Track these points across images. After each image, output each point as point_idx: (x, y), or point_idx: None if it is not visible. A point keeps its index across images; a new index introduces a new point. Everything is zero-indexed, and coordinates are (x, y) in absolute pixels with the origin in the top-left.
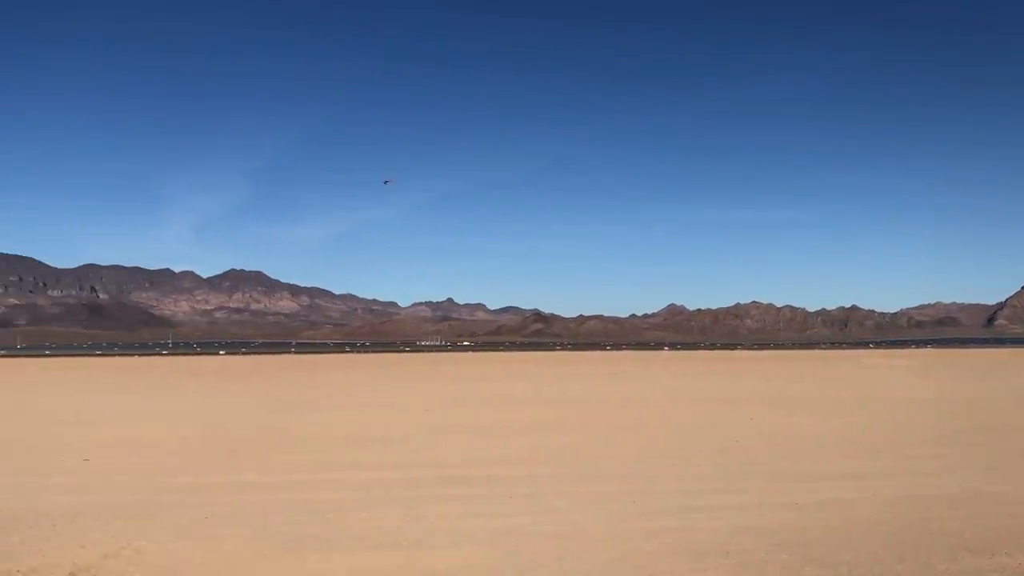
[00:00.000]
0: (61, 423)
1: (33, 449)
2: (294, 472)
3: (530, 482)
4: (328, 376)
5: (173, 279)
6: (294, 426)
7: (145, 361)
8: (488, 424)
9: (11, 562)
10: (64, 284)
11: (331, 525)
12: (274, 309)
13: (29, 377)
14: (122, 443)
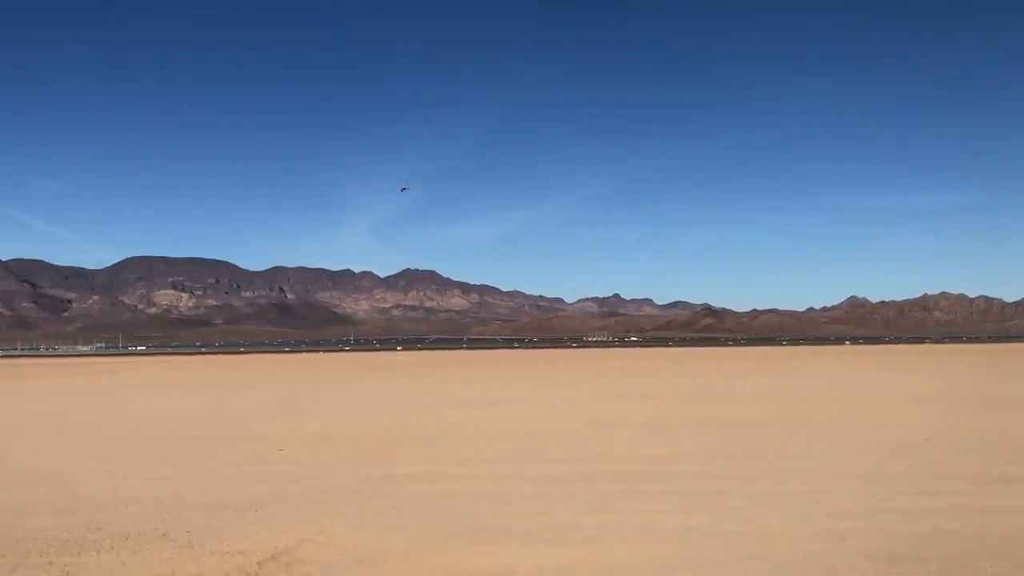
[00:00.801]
0: (258, 416)
1: (235, 441)
2: (472, 464)
3: (705, 479)
4: (498, 371)
5: (353, 279)
6: (469, 419)
7: (329, 356)
8: (657, 420)
9: (221, 544)
10: (256, 285)
11: (508, 517)
12: (446, 306)
13: (228, 373)
14: (313, 434)
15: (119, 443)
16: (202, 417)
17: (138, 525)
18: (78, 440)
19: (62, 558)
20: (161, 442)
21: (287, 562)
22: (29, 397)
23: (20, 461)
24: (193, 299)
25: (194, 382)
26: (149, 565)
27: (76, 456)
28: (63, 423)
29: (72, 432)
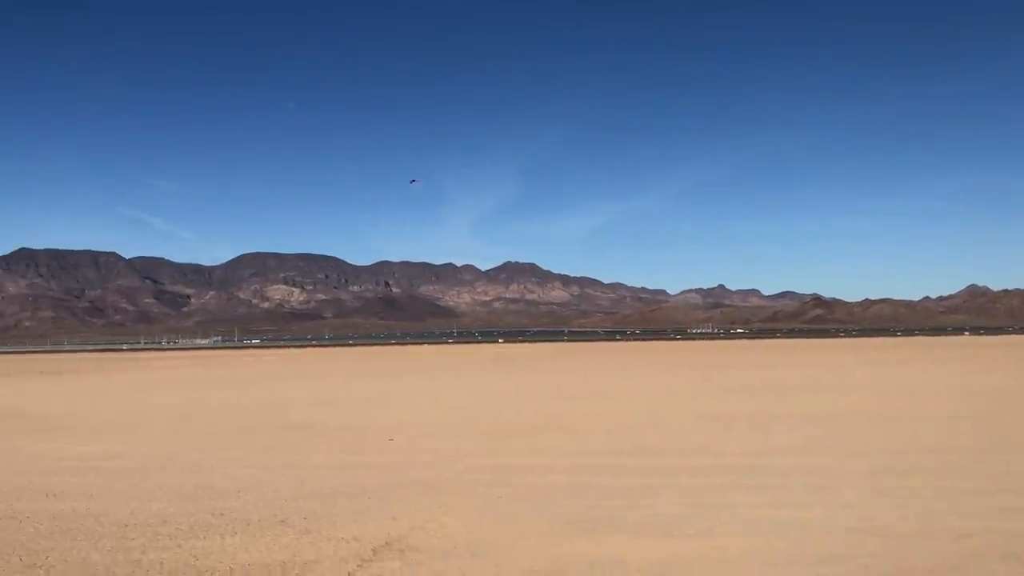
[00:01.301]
0: (367, 406)
1: (346, 430)
2: (576, 456)
3: (819, 474)
4: (600, 363)
5: (455, 273)
6: (572, 411)
7: (433, 349)
8: (765, 412)
9: (335, 530)
10: (363, 280)
11: (615, 509)
12: (547, 299)
13: (337, 364)
14: (421, 425)
15: (237, 432)
16: (314, 407)
17: (258, 511)
18: (199, 429)
19: (189, 542)
20: (276, 431)
21: (400, 549)
22: (153, 388)
23: (146, 449)
24: (304, 294)
25: (305, 373)
26: (270, 550)
27: (197, 445)
28: (185, 413)
29: (193, 421)
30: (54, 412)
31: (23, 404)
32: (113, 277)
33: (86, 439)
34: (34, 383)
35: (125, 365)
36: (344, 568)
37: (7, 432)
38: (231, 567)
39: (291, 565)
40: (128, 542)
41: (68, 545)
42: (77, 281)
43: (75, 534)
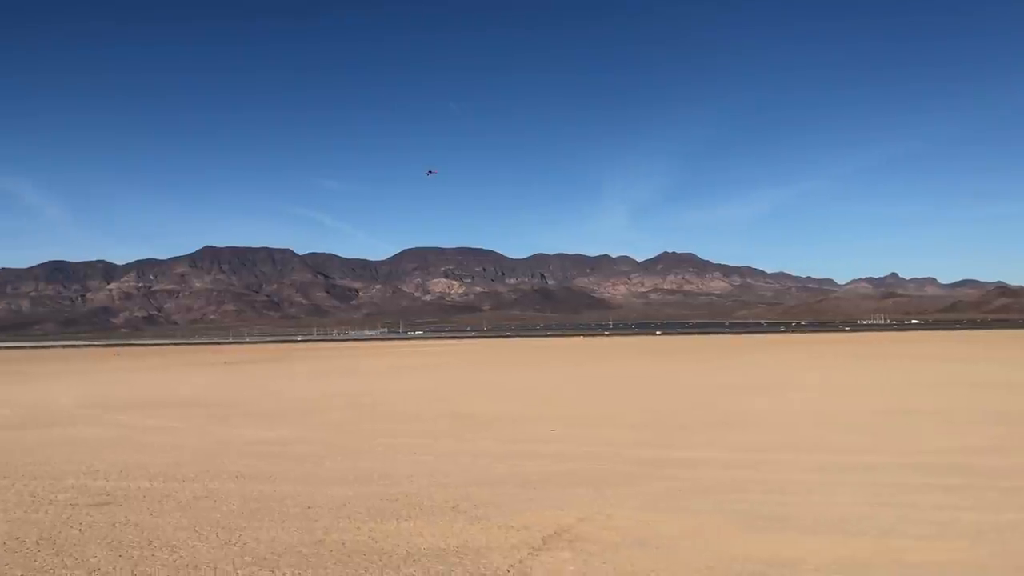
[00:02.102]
0: (528, 396)
1: (509, 420)
2: (744, 450)
3: (1011, 474)
4: (766, 356)
5: (611, 264)
6: (738, 404)
7: (589, 341)
8: (949, 408)
9: (505, 518)
10: (519, 273)
11: (789, 506)
12: (706, 290)
13: (495, 355)
14: (583, 416)
15: (405, 420)
16: (476, 396)
17: (430, 497)
18: (370, 417)
19: (367, 524)
20: (441, 419)
21: (569, 539)
22: (326, 377)
23: (322, 435)
24: (463, 286)
25: (465, 363)
26: (443, 535)
27: (368, 431)
28: (355, 402)
29: (364, 409)
30: (238, 399)
31: (210, 392)
32: (288, 272)
33: (268, 425)
34: (220, 372)
35: (300, 355)
36: (515, 556)
37: (198, 418)
38: (408, 551)
39: (464, 551)
40: (312, 523)
41: (258, 524)
42: (256, 276)
43: (263, 514)
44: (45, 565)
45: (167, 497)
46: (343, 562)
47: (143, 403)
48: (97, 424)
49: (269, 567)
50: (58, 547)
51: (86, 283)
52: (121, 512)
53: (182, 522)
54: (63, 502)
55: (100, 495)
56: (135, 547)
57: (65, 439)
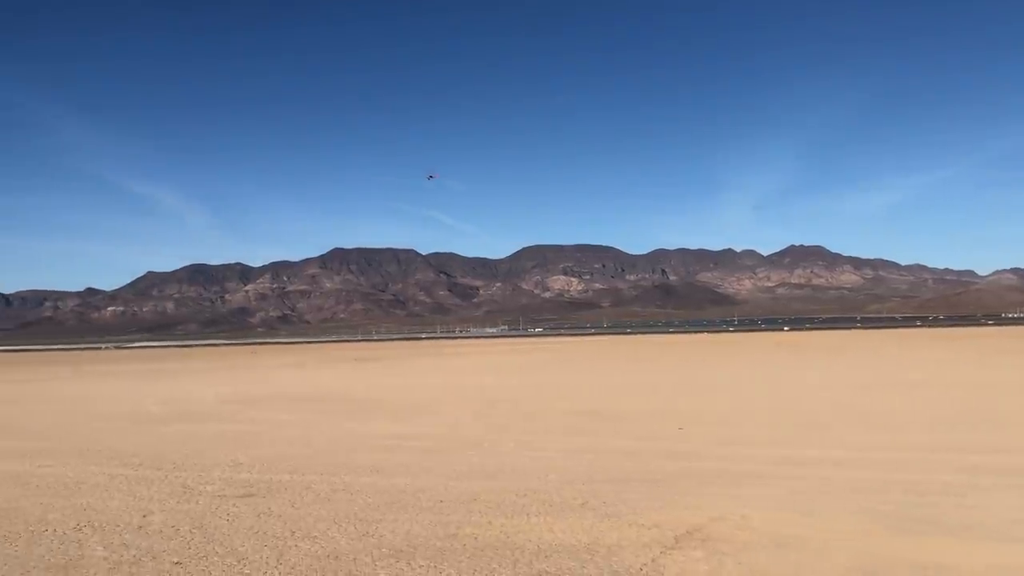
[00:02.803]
0: (653, 393)
1: (634, 417)
2: (880, 450)
3: None
4: (901, 351)
5: (735, 258)
6: (875, 403)
7: (713, 337)
8: None
9: (635, 515)
10: (639, 268)
11: (937, 508)
12: (836, 283)
13: (618, 352)
14: (710, 413)
15: (529, 416)
16: (599, 392)
17: (560, 493)
18: (498, 412)
19: (499, 519)
20: (568, 416)
21: (702, 539)
22: (452, 373)
23: (452, 430)
24: (582, 283)
25: (586, 361)
26: (574, 532)
27: (497, 427)
28: (480, 397)
29: (488, 405)
30: (368, 395)
31: (342, 388)
32: (412, 272)
33: (399, 420)
34: (350, 369)
35: (425, 352)
36: (647, 554)
37: (332, 413)
38: (539, 546)
39: (595, 548)
40: (445, 516)
41: (393, 517)
42: (382, 276)
43: (398, 507)
44: (199, 552)
45: (306, 489)
46: (476, 556)
47: (279, 399)
48: (238, 419)
49: (406, 559)
50: (209, 535)
51: (225, 285)
52: (264, 503)
53: (321, 513)
54: (211, 493)
55: (244, 487)
56: (279, 537)
57: (210, 433)
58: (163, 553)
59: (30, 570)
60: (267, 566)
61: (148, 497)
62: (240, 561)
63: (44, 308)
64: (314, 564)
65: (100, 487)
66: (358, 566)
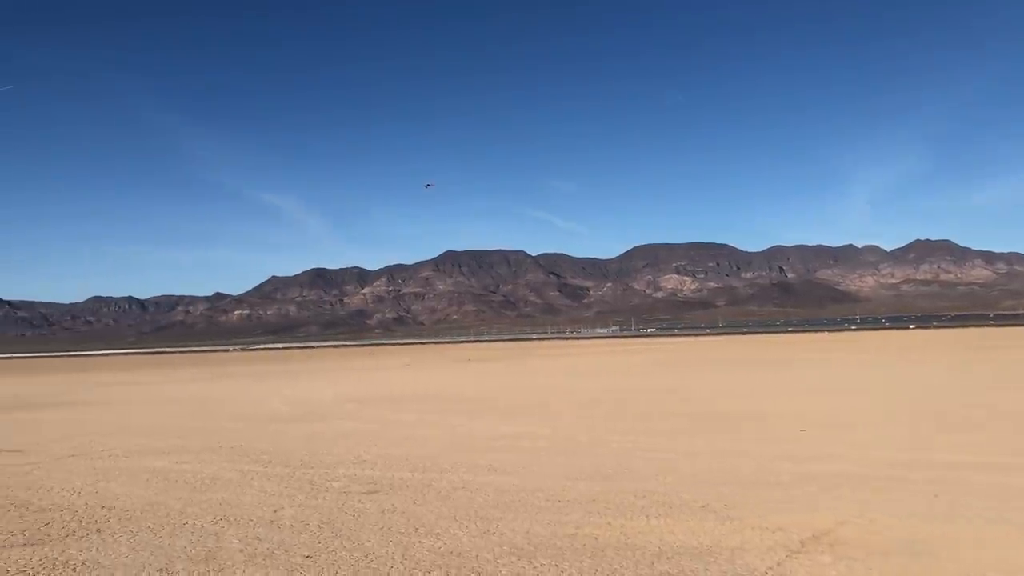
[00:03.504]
0: (774, 394)
1: (753, 418)
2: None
3: None
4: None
5: (856, 254)
6: (1007, 401)
7: (833, 336)
8: None
9: (757, 518)
10: (755, 267)
11: None
12: (966, 279)
13: (730, 352)
14: (832, 414)
15: (644, 417)
16: (714, 393)
17: (678, 495)
18: (608, 412)
19: (618, 520)
20: (684, 417)
21: (830, 543)
22: (563, 374)
23: (565, 430)
24: (696, 282)
25: (699, 361)
26: (695, 533)
27: (608, 427)
28: (593, 398)
29: (602, 406)
30: (482, 395)
31: (457, 388)
32: (522, 273)
33: (513, 420)
34: (463, 369)
35: (536, 352)
36: (772, 558)
37: (447, 412)
38: (659, 548)
39: (717, 550)
40: (563, 516)
41: (512, 516)
42: (492, 278)
43: (517, 506)
44: (328, 547)
45: (427, 487)
46: (597, 556)
47: (397, 398)
48: (358, 418)
49: (527, 557)
50: (336, 530)
51: (343, 288)
52: (388, 500)
53: (442, 511)
54: (337, 489)
55: (369, 484)
56: (403, 533)
57: (332, 432)
58: (294, 547)
59: (174, 560)
60: (393, 561)
61: (278, 493)
62: (367, 556)
63: (176, 312)
64: (437, 560)
65: (234, 483)
66: (480, 563)
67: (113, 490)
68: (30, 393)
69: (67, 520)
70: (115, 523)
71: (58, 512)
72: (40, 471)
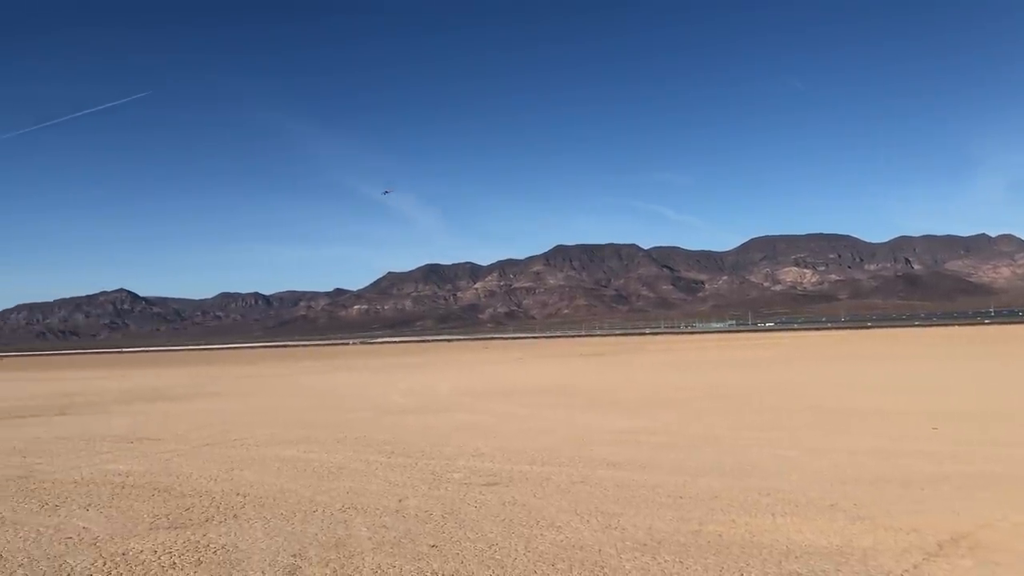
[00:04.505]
0: (901, 390)
1: (881, 415)
2: None
3: None
4: None
5: (990, 244)
6: None
7: (965, 331)
8: None
9: (890, 519)
10: (879, 257)
11: None
12: None
13: (857, 346)
14: (965, 412)
15: (765, 412)
16: (838, 389)
17: (804, 493)
18: (728, 408)
19: (742, 518)
20: (808, 413)
21: (970, 547)
22: (677, 369)
23: (680, 425)
24: (816, 275)
25: (822, 356)
26: (824, 533)
27: (728, 423)
28: (712, 393)
29: (723, 401)
30: (595, 389)
31: (570, 382)
32: (634, 267)
33: (628, 414)
34: (576, 363)
35: (649, 347)
36: (908, 560)
37: (561, 406)
38: (787, 547)
39: (848, 551)
40: (686, 513)
41: (633, 511)
42: (604, 272)
43: (638, 501)
44: (452, 537)
45: (547, 480)
46: (722, 553)
47: (511, 391)
48: (474, 410)
49: (650, 553)
50: (460, 521)
51: (456, 283)
52: (508, 492)
53: (563, 505)
54: (458, 481)
55: (488, 476)
56: (524, 525)
57: (450, 424)
58: (420, 536)
59: (306, 546)
60: (516, 552)
61: (401, 483)
62: (490, 547)
63: (299, 308)
64: (560, 553)
65: (359, 472)
66: (603, 557)
67: (246, 478)
68: (166, 385)
69: (206, 505)
70: (250, 509)
71: (197, 498)
72: (179, 459)
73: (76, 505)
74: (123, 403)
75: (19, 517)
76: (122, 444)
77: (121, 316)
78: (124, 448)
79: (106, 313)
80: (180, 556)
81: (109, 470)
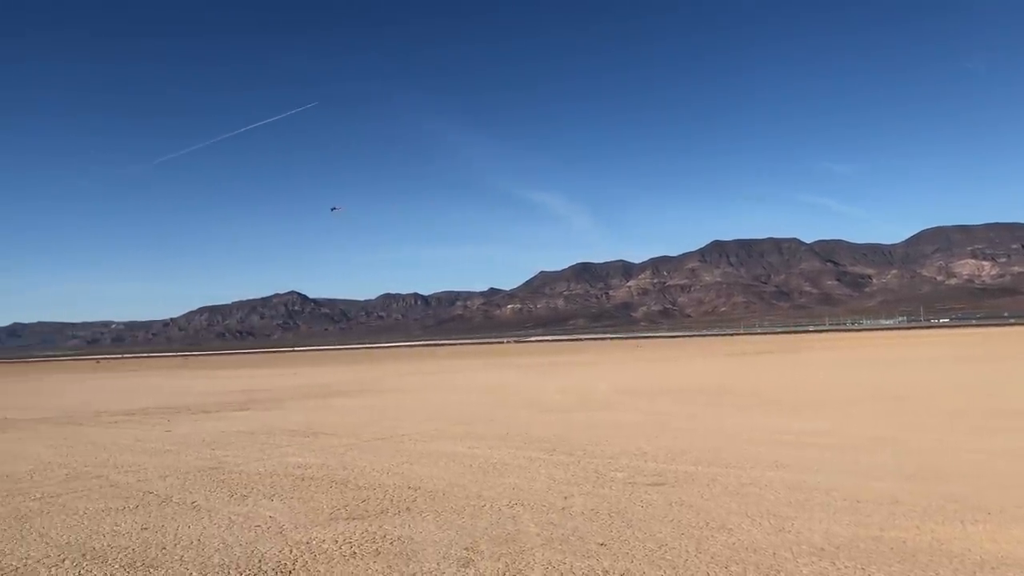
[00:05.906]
0: None
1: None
2: None
3: None
4: None
5: None
6: None
7: None
8: None
9: None
10: None
11: None
12: None
13: None
14: None
15: (951, 414)
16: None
17: (995, 499)
18: (908, 409)
19: (927, 524)
20: (995, 415)
21: None
22: (845, 368)
23: (854, 427)
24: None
25: (1006, 355)
26: (1021, 543)
27: (907, 425)
28: (882, 393)
29: (893, 402)
30: (756, 388)
31: (729, 381)
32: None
33: (793, 414)
34: (733, 362)
35: (813, 345)
36: None
37: (721, 406)
38: (981, 557)
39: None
40: (864, 518)
41: (807, 515)
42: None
43: (812, 505)
44: (620, 536)
45: (713, 481)
46: (907, 561)
47: (667, 390)
48: (632, 409)
49: (828, 558)
50: (627, 520)
51: (608, 282)
52: (674, 493)
53: (732, 506)
54: (622, 480)
55: (653, 475)
56: (693, 527)
57: (609, 422)
58: (588, 534)
59: (477, 540)
60: (687, 554)
61: (565, 480)
62: (660, 547)
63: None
64: (733, 556)
65: (523, 469)
66: (778, 561)
67: (417, 472)
68: (336, 381)
69: (380, 498)
70: (421, 502)
71: (372, 491)
72: (353, 452)
73: (261, 495)
74: (297, 399)
75: (212, 505)
76: (299, 438)
77: (292, 317)
78: (301, 442)
79: (279, 314)
80: (359, 546)
81: (289, 462)
